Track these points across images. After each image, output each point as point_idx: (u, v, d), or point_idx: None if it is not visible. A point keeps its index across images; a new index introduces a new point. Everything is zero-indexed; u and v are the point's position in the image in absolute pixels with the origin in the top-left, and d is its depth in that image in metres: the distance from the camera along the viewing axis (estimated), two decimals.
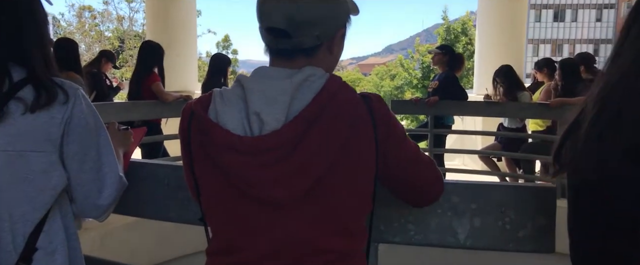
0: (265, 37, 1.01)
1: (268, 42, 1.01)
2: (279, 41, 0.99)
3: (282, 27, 0.97)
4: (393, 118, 1.05)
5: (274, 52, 1.03)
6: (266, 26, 0.98)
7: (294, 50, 1.00)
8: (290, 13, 0.96)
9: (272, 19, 0.97)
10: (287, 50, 1.01)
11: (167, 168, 1.47)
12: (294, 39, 0.98)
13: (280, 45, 1.00)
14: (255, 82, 0.99)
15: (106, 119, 4.02)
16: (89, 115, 1.25)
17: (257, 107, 0.96)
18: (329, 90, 0.98)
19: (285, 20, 0.96)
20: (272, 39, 0.99)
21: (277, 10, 0.97)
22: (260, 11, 0.99)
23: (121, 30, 25.61)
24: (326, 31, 1.01)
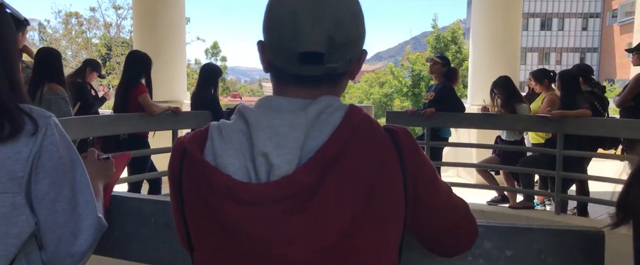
0: (288, 63, 0.82)
1: (292, 68, 0.82)
2: (309, 67, 0.81)
3: (321, 50, 0.80)
4: (423, 155, 0.89)
5: (295, 79, 0.84)
6: (302, 50, 0.80)
7: (323, 78, 0.84)
8: (330, 34, 0.80)
9: (311, 42, 0.79)
10: (314, 78, 0.83)
11: (154, 204, 1.29)
12: (326, 64, 0.81)
13: (310, 72, 0.82)
14: (261, 116, 0.82)
15: (91, 133, 3.82)
16: (63, 147, 1.07)
17: (264, 146, 0.79)
18: (350, 124, 0.82)
19: (326, 43, 0.80)
20: (299, 65, 0.81)
21: (317, 31, 0.80)
22: (293, 33, 0.80)
23: (108, 37, 25.26)
24: (356, 53, 0.87)
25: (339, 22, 0.81)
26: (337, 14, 0.81)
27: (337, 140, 0.80)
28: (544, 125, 4.65)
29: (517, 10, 7.05)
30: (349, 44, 0.83)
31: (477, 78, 7.06)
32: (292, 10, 0.80)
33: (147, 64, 4.42)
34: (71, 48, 24.27)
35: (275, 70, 0.86)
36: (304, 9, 0.80)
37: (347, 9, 0.83)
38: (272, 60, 0.85)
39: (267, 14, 0.84)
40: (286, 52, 0.81)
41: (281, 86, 0.87)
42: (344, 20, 0.82)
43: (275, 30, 0.82)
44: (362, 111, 0.86)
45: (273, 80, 0.89)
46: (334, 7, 0.81)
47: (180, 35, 7.17)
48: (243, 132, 0.82)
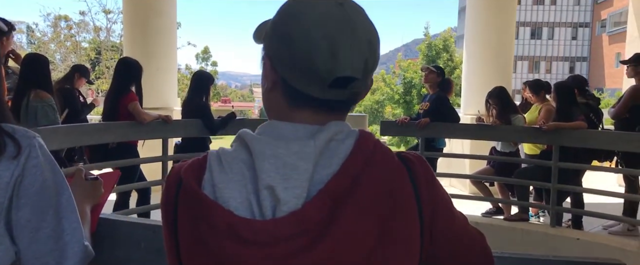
0: (313, 86, 0.75)
1: (316, 92, 0.75)
2: (336, 92, 0.75)
3: (358, 76, 0.74)
4: (439, 187, 0.82)
5: (311, 103, 0.77)
6: (340, 75, 0.73)
7: (340, 102, 0.78)
8: (366, 57, 0.75)
9: (350, 67, 0.73)
10: (332, 103, 0.77)
11: (144, 228, 1.21)
12: (352, 89, 0.75)
13: (335, 97, 0.75)
14: (265, 144, 0.74)
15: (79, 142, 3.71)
16: (47, 170, 0.99)
17: (270, 178, 0.71)
18: (362, 153, 0.75)
19: (362, 67, 0.74)
20: (327, 89, 0.74)
21: (356, 56, 0.74)
22: (329, 57, 0.73)
23: (98, 41, 25.02)
24: (371, 81, 0.81)
25: (371, 45, 0.75)
26: (369, 36, 0.75)
27: (349, 171, 0.73)
28: (540, 137, 4.61)
29: (510, 20, 7.06)
30: (374, 68, 0.78)
31: (471, 87, 7.04)
32: (326, 32, 0.73)
33: (138, 71, 4.32)
34: (60, 52, 24.00)
35: (288, 91, 0.77)
36: (340, 31, 0.73)
37: (374, 30, 0.78)
38: (287, 80, 0.76)
39: (286, 32, 0.75)
40: (316, 76, 0.73)
41: (290, 109, 0.78)
42: (375, 43, 0.77)
43: (303, 52, 0.73)
44: (373, 137, 0.79)
45: (279, 100, 0.80)
46: (366, 29, 0.75)
47: (171, 41, 7.06)
48: (245, 162, 0.74)
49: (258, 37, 0.87)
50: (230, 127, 4.71)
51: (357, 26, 0.75)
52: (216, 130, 4.59)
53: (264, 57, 0.80)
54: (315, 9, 0.75)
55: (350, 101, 0.80)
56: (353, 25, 0.74)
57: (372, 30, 0.78)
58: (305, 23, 0.74)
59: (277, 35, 0.77)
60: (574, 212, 4.79)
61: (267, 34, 0.80)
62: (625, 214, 4.81)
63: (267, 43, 0.79)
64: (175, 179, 0.78)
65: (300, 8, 0.76)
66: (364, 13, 0.78)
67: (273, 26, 0.78)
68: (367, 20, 0.78)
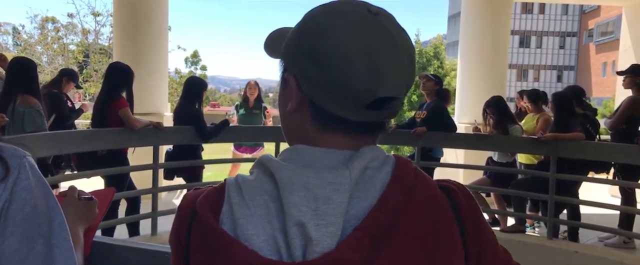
0: (348, 106, 0.66)
1: (351, 113, 0.66)
2: (373, 113, 0.66)
3: (400, 94, 0.67)
4: (484, 223, 0.73)
5: (343, 125, 0.68)
6: (384, 95, 0.64)
7: (381, 124, 0.70)
8: (407, 72, 0.67)
9: (393, 85, 0.65)
10: (371, 125, 0.69)
11: (142, 253, 1.10)
12: (390, 109, 0.68)
13: (372, 118, 0.67)
14: (294, 174, 0.64)
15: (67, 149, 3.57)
16: (38, 194, 0.89)
17: (300, 214, 0.62)
18: (403, 184, 0.65)
19: (404, 84, 0.67)
20: (364, 110, 0.65)
21: (399, 73, 0.66)
22: (370, 75, 0.64)
23: (86, 43, 24.71)
24: None
25: (411, 58, 0.68)
26: (409, 49, 0.68)
27: (388, 204, 0.63)
28: (537, 148, 4.57)
29: (505, 28, 7.05)
30: (412, 84, 0.70)
31: (465, 96, 7.01)
32: (363, 46, 0.64)
33: (129, 76, 4.18)
34: (47, 54, 23.66)
35: (317, 113, 0.68)
36: (378, 44, 0.64)
37: (411, 42, 0.70)
38: (317, 101, 0.67)
39: (314, 47, 0.66)
40: (352, 96, 0.64)
41: (318, 133, 0.69)
42: (413, 57, 0.69)
43: (336, 70, 0.64)
44: (412, 164, 0.70)
45: (305, 123, 0.70)
46: (405, 41, 0.67)
47: (162, 45, 6.92)
48: (269, 194, 0.65)
49: (273, 49, 0.78)
50: (222, 134, 4.59)
51: (396, 38, 0.66)
52: (209, 138, 4.48)
53: (286, 75, 0.70)
54: (347, 19, 0.66)
55: (386, 123, 0.71)
56: (392, 38, 0.66)
57: (410, 42, 0.70)
58: (337, 36, 0.64)
59: (303, 51, 0.67)
60: (571, 224, 4.74)
61: (288, 49, 0.70)
62: (621, 226, 4.77)
63: (291, 59, 0.70)
64: (189, 211, 0.68)
65: (329, 19, 0.67)
66: (397, 22, 0.69)
67: (297, 39, 0.69)
68: (403, 31, 0.69)
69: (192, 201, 0.69)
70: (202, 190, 0.71)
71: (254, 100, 6.17)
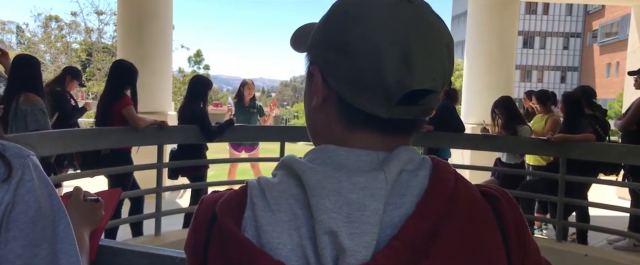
0: (376, 101, 0.59)
1: (380, 109, 0.60)
2: (404, 109, 0.60)
3: (437, 87, 0.60)
4: (529, 232, 0.67)
5: (374, 123, 0.61)
6: (417, 88, 0.58)
7: (415, 122, 0.64)
8: (445, 64, 0.61)
9: (428, 78, 0.59)
10: (404, 123, 0.62)
11: (150, 258, 1.05)
12: (423, 105, 0.61)
13: (403, 115, 0.61)
14: (323, 177, 0.58)
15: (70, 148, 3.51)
16: (43, 195, 0.83)
17: (331, 221, 0.56)
18: (442, 189, 0.60)
19: (441, 77, 0.60)
20: (393, 105, 0.59)
21: (436, 64, 0.59)
22: (402, 66, 0.57)
23: (89, 42, 24.70)
24: None
25: (449, 50, 0.61)
26: (447, 39, 0.61)
27: (427, 212, 0.58)
28: (546, 149, 4.50)
29: (512, 28, 6.97)
30: (450, 77, 0.64)
31: (471, 96, 6.94)
32: (396, 36, 0.58)
33: (133, 74, 4.13)
34: (50, 52, 23.66)
35: (344, 109, 0.62)
36: (413, 34, 0.58)
37: (449, 32, 0.63)
38: (344, 96, 0.61)
39: (343, 38, 0.60)
40: (382, 90, 0.58)
41: (346, 131, 0.63)
42: (452, 47, 0.62)
43: (366, 62, 0.58)
44: (450, 168, 0.64)
45: (331, 121, 0.64)
46: (442, 30, 0.61)
47: (167, 45, 6.87)
48: (296, 199, 0.59)
49: (299, 44, 0.72)
50: (227, 133, 4.54)
51: (433, 26, 0.60)
52: (213, 137, 4.42)
53: (311, 69, 0.65)
54: (379, 9, 0.60)
55: (421, 120, 0.64)
56: (428, 26, 0.60)
57: (448, 31, 0.63)
58: (368, 26, 0.59)
59: (329, 41, 0.61)
60: (581, 226, 4.67)
61: (314, 42, 0.65)
62: (631, 228, 4.71)
63: (316, 51, 0.64)
64: (207, 216, 0.62)
65: (358, 7, 0.61)
66: (434, 11, 0.63)
67: (323, 30, 0.63)
68: (440, 20, 0.63)
69: (211, 206, 0.63)
70: (221, 194, 0.65)
71: (249, 100, 6.10)
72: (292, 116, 57.99)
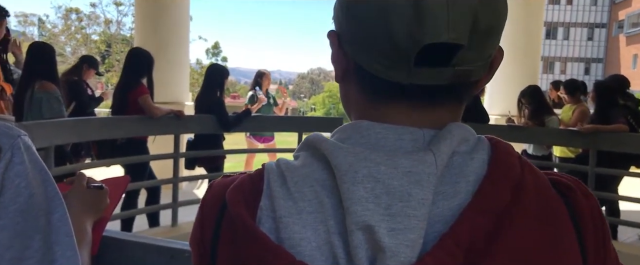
0: (392, 64, 0.47)
1: (398, 74, 0.48)
2: (428, 72, 0.47)
3: (462, 41, 0.46)
4: (608, 231, 0.54)
5: (401, 93, 0.50)
6: (430, 41, 0.45)
7: (446, 90, 0.50)
8: (474, 10, 0.46)
9: (447, 28, 0.45)
10: (432, 91, 0.49)
11: (160, 252, 0.95)
12: (456, 66, 0.47)
13: (427, 80, 0.48)
14: (356, 158, 0.47)
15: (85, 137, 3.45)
16: (35, 181, 0.74)
17: (367, 213, 0.45)
18: (506, 177, 0.48)
19: (469, 27, 0.46)
20: (412, 68, 0.46)
21: (457, 10, 0.45)
22: (412, 15, 0.45)
23: (108, 33, 24.92)
24: (494, 48, 0.51)
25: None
26: None
27: (488, 205, 0.46)
28: (576, 140, 4.32)
29: (538, 17, 6.76)
30: (494, 32, 0.49)
31: (496, 87, 6.75)
32: None
33: (149, 62, 4.06)
34: (70, 44, 23.95)
35: (362, 78, 0.51)
36: None
37: None
38: (360, 61, 0.50)
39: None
40: (395, 49, 0.46)
41: (376, 105, 0.51)
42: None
43: (372, 16, 0.47)
44: (513, 150, 0.52)
45: (351, 93, 0.54)
46: None
47: (183, 34, 6.83)
48: (323, 185, 0.48)
49: None
50: (245, 124, 4.45)
51: None
52: (230, 127, 4.34)
53: (331, 33, 0.54)
54: None
55: (459, 88, 0.50)
56: None
57: None
58: None
59: (342, 3, 0.51)
60: (611, 221, 4.48)
61: (335, 6, 0.54)
62: None
63: (334, 14, 0.54)
64: (216, 205, 0.52)
65: None
66: None
67: None
68: None
69: (221, 192, 0.52)
70: (233, 178, 0.54)
71: (266, 91, 6.06)
72: (309, 108, 57.98)
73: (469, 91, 0.53)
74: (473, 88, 0.53)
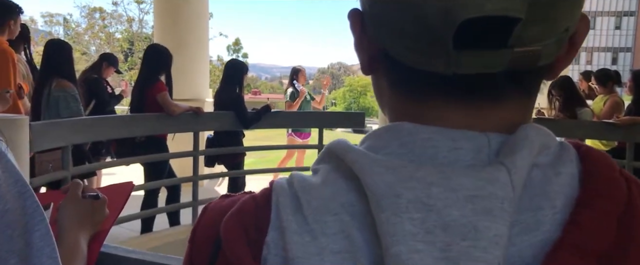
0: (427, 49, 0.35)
1: (436, 62, 0.35)
2: (473, 56, 0.34)
3: (517, 14, 0.32)
4: None
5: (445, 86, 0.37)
6: (473, 14, 0.32)
7: (513, 78, 0.37)
8: None
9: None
10: (490, 80, 0.36)
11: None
12: (515, 47, 0.34)
13: (482, 67, 0.34)
14: (397, 176, 0.34)
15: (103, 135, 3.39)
16: (12, 194, 0.64)
17: (413, 258, 0.32)
18: (607, 199, 0.35)
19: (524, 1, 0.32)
20: (452, 51, 0.34)
21: None
22: None
23: (131, 32, 25.19)
24: (573, 21, 0.37)
25: None
26: None
27: (588, 241, 0.33)
28: (611, 133, 4.10)
29: None
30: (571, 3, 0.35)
31: None
32: None
33: (167, 59, 3.99)
34: (94, 43, 24.30)
35: (393, 67, 0.39)
36: None
37: None
38: (387, 47, 0.38)
39: None
40: (424, 26, 0.34)
41: (414, 101, 0.39)
42: None
43: None
44: (610, 159, 0.38)
45: (387, 88, 0.42)
46: None
47: (203, 30, 6.78)
48: (351, 212, 0.36)
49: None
50: (264, 120, 4.35)
51: None
52: (249, 124, 4.25)
53: (352, 15, 0.41)
54: None
55: (525, 76, 0.37)
56: None
57: None
58: None
59: None
60: None
61: None
62: None
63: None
64: (209, 237, 0.40)
65: None
66: None
67: None
68: None
69: (215, 221, 0.40)
70: (232, 200, 0.42)
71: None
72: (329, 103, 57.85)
73: (539, 79, 0.39)
74: (545, 74, 0.39)
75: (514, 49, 0.34)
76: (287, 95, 6.07)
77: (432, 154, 0.36)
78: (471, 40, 0.33)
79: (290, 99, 5.95)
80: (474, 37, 0.33)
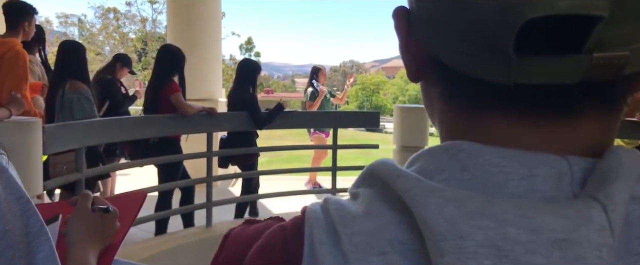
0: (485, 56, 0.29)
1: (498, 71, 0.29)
2: (546, 66, 0.28)
3: (597, 10, 0.26)
4: None
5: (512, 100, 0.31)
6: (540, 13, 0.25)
7: (592, 89, 0.30)
8: None
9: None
10: (564, 92, 0.30)
11: None
12: (600, 51, 0.27)
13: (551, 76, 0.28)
14: (461, 211, 0.28)
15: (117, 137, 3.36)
16: (13, 213, 0.59)
17: None
18: None
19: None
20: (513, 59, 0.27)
21: None
22: None
23: (144, 32, 25.34)
24: None
25: None
26: None
27: None
28: (634, 132, 3.97)
29: None
30: None
31: None
32: None
33: (180, 59, 3.96)
34: (108, 43, 24.49)
35: (446, 76, 0.34)
36: None
37: None
38: (438, 53, 0.32)
39: None
40: (480, 27, 0.28)
41: (472, 115, 0.33)
42: None
43: None
44: None
45: (439, 98, 0.36)
46: None
47: (215, 30, 6.76)
48: (402, 251, 0.30)
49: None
50: (278, 120, 4.30)
51: None
52: (263, 124, 4.20)
53: (397, 13, 0.35)
54: None
55: (607, 87, 0.31)
56: None
57: None
58: None
59: None
60: None
61: None
62: None
63: None
64: None
65: None
66: None
67: None
68: None
69: (240, 254, 0.34)
70: (257, 230, 0.36)
71: None
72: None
73: (625, 91, 0.33)
74: (633, 84, 0.32)
75: (592, 55, 0.27)
76: (307, 95, 6.02)
77: (501, 182, 0.29)
78: (538, 44, 0.27)
79: (310, 99, 5.90)
80: (540, 40, 0.27)
